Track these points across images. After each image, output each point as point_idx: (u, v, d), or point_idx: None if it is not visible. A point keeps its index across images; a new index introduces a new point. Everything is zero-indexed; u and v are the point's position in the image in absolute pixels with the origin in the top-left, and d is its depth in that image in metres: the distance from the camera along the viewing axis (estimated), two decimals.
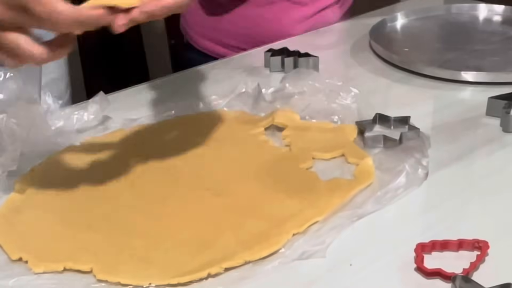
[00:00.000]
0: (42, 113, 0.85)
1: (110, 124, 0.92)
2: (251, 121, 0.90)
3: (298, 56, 1.05)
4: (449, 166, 0.79)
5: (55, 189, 0.79)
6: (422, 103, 0.96)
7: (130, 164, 0.83)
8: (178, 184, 0.78)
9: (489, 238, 0.64)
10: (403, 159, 0.77)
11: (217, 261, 0.64)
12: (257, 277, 0.63)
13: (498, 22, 1.24)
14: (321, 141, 0.85)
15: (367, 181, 0.76)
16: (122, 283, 0.63)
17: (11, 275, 0.64)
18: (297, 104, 0.91)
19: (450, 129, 0.88)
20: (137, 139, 0.88)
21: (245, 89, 0.96)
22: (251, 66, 1.10)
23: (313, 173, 0.79)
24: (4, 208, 0.75)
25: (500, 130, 0.87)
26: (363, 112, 0.89)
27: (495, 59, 1.07)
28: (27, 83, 0.82)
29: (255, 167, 0.81)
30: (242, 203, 0.74)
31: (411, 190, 0.74)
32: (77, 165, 0.83)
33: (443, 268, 0.61)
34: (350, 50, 1.14)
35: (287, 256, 0.65)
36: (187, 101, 0.96)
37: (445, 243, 0.65)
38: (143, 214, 0.73)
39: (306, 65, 1.03)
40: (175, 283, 0.62)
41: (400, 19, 1.24)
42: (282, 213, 0.71)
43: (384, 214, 0.71)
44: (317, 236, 0.67)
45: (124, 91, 1.04)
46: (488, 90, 0.94)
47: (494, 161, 0.81)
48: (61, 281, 0.64)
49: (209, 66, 1.13)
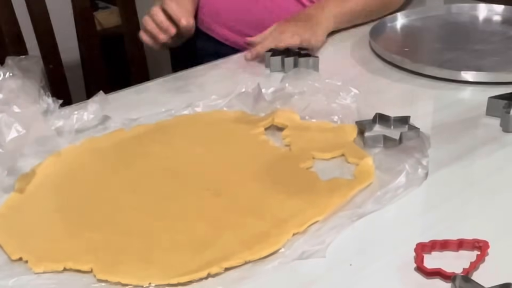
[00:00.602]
0: (42, 113, 0.85)
1: (110, 124, 0.92)
2: (251, 121, 0.90)
3: (298, 56, 1.05)
4: (449, 166, 0.79)
5: (55, 189, 0.79)
6: (422, 103, 0.96)
7: (130, 164, 0.83)
8: (178, 184, 0.78)
9: (489, 238, 0.64)
10: (403, 159, 0.77)
11: (217, 261, 0.64)
12: (257, 277, 0.63)
13: (498, 22, 1.24)
14: (321, 141, 0.85)
15: (367, 181, 0.76)
16: (122, 283, 0.63)
17: (11, 275, 0.64)
18: (297, 104, 0.91)
19: (450, 129, 0.88)
20: (137, 139, 0.88)
21: (245, 89, 0.96)
22: (251, 66, 1.10)
23: (313, 173, 0.79)
24: (4, 208, 0.75)
25: (500, 130, 0.87)
26: (363, 112, 0.89)
27: (495, 59, 1.07)
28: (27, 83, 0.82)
29: (255, 167, 0.81)
30: (242, 203, 0.74)
31: (411, 190, 0.74)
32: (77, 165, 0.83)
33: (443, 268, 0.61)
34: (350, 50, 1.14)
35: (287, 256, 0.65)
36: (187, 101, 0.96)
37: (445, 243, 0.65)
38: (143, 214, 0.73)
39: (306, 65, 1.04)
40: (175, 283, 0.62)
41: (400, 19, 1.24)
42: (282, 213, 0.71)
43: (384, 214, 0.71)
44: (317, 236, 0.67)
45: (124, 91, 1.04)
46: (488, 90, 0.94)
47: (494, 161, 0.81)
48: (61, 281, 0.64)
49: (209, 66, 1.13)
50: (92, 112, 0.90)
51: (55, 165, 0.83)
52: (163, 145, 0.87)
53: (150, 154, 0.85)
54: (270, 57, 1.07)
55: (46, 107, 0.88)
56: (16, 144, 0.79)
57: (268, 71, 1.07)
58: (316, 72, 0.99)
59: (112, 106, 0.93)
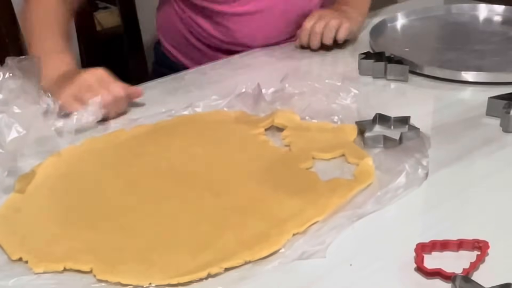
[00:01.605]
0: (42, 113, 0.85)
1: (110, 124, 0.92)
2: (251, 121, 0.90)
3: (388, 62, 1.02)
4: (449, 166, 0.79)
5: (55, 189, 0.79)
6: (422, 103, 0.96)
7: (130, 164, 0.83)
8: (178, 184, 0.78)
9: (489, 238, 0.64)
10: (403, 159, 0.77)
11: (217, 261, 0.64)
12: (257, 277, 0.63)
13: (498, 22, 1.25)
14: (321, 141, 0.85)
15: (367, 181, 0.76)
16: (122, 283, 0.63)
17: (11, 275, 0.64)
18: (297, 105, 0.91)
19: (450, 129, 0.88)
20: (137, 139, 0.88)
21: (245, 89, 0.96)
22: (252, 66, 1.10)
23: (313, 173, 0.79)
24: (4, 208, 0.75)
25: (500, 130, 0.87)
26: (363, 112, 0.89)
27: (495, 59, 1.07)
28: (27, 83, 0.82)
29: (255, 167, 0.81)
30: (242, 203, 0.74)
31: (411, 190, 0.74)
32: (77, 165, 0.83)
33: (443, 268, 0.61)
34: (350, 50, 1.14)
35: (287, 256, 0.65)
36: (187, 101, 0.96)
37: (445, 243, 0.65)
38: (143, 214, 0.73)
39: (394, 71, 1.01)
40: (175, 283, 0.62)
41: (400, 19, 1.24)
42: (282, 213, 0.71)
43: (384, 214, 0.71)
44: (317, 236, 0.67)
45: None
46: (488, 90, 0.94)
47: (494, 161, 0.81)
48: (61, 281, 0.64)
49: (209, 66, 1.13)
50: (92, 112, 0.90)
51: (55, 166, 0.83)
52: (163, 146, 0.87)
53: (150, 154, 0.85)
54: (360, 60, 1.05)
55: (46, 107, 0.88)
56: (16, 145, 0.79)
57: (268, 71, 1.07)
58: (316, 72, 0.99)
59: None
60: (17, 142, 0.79)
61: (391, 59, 1.03)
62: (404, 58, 1.03)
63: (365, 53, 1.06)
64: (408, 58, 1.04)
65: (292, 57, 1.14)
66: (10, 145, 0.79)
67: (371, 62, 1.03)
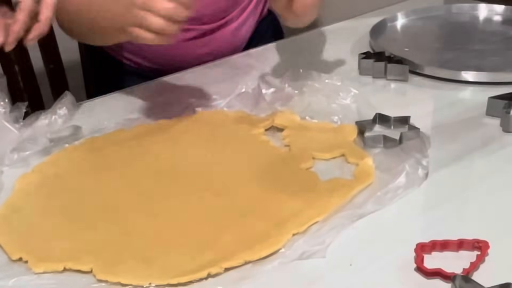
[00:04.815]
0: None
1: (110, 124, 0.92)
2: (251, 121, 0.90)
3: (388, 62, 1.02)
4: (449, 166, 0.79)
5: (55, 189, 0.79)
6: (422, 103, 0.96)
7: (130, 164, 0.83)
8: (178, 184, 0.78)
9: (489, 238, 0.64)
10: (403, 159, 0.77)
11: (217, 261, 0.64)
12: (257, 277, 0.63)
13: (498, 22, 1.24)
14: (321, 141, 0.85)
15: (367, 181, 0.76)
16: (122, 283, 0.63)
17: (11, 275, 0.64)
18: (297, 105, 0.91)
19: (450, 129, 0.88)
20: (137, 139, 0.88)
21: (245, 89, 0.96)
22: (251, 66, 1.10)
23: (313, 173, 0.79)
24: (4, 208, 0.75)
25: (500, 130, 0.87)
26: (363, 112, 0.89)
27: (495, 59, 1.07)
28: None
29: (255, 167, 0.81)
30: (242, 203, 0.74)
31: (411, 190, 0.74)
32: (77, 165, 0.83)
33: (443, 268, 0.61)
34: (350, 50, 1.14)
35: (287, 256, 0.65)
36: (187, 101, 0.96)
37: (445, 243, 0.65)
38: (143, 214, 0.73)
39: (394, 71, 1.01)
40: (175, 283, 0.62)
41: (400, 19, 1.24)
42: (282, 213, 0.71)
43: (384, 214, 0.71)
44: (317, 236, 0.67)
45: (124, 90, 1.04)
46: (488, 90, 0.94)
47: (494, 161, 0.80)
48: (61, 281, 0.64)
49: (209, 66, 1.13)
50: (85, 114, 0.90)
51: (55, 165, 0.83)
52: (163, 145, 0.87)
53: (150, 154, 0.85)
54: (360, 60, 1.05)
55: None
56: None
57: (267, 71, 1.07)
58: (316, 72, 0.98)
59: (112, 106, 0.93)
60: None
61: (391, 59, 1.03)
62: (404, 58, 1.03)
63: (365, 53, 1.06)
64: (408, 58, 1.03)
65: (292, 57, 1.14)
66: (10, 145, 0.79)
67: (371, 62, 1.03)
